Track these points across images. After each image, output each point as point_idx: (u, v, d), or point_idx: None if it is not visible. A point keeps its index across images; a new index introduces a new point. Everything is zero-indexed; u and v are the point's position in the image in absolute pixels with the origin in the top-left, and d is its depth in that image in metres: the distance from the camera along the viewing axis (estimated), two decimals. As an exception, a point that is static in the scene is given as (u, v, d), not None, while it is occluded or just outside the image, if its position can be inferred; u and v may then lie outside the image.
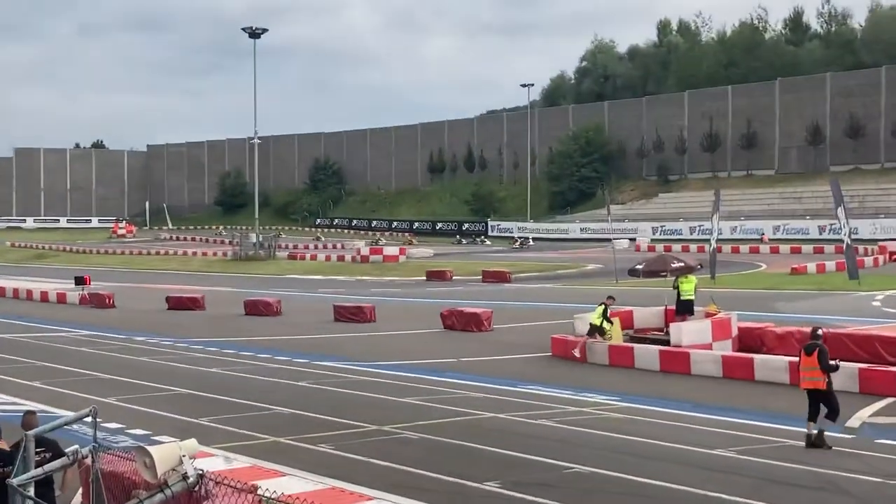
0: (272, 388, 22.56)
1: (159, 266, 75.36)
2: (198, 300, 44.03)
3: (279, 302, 41.47)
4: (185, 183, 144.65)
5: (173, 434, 15.96)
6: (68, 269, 69.55)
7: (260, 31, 78.16)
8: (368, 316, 37.38)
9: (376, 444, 16.32)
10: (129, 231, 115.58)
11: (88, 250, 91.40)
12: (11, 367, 26.36)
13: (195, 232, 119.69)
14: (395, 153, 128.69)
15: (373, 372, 25.16)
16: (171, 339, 33.07)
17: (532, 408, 19.66)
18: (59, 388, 22.77)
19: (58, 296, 48.73)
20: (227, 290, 53.31)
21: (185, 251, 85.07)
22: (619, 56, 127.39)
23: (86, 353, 29.69)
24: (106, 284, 53.15)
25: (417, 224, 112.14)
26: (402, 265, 68.00)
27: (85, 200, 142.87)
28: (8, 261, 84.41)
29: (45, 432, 9.45)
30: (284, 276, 64.10)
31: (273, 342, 31.83)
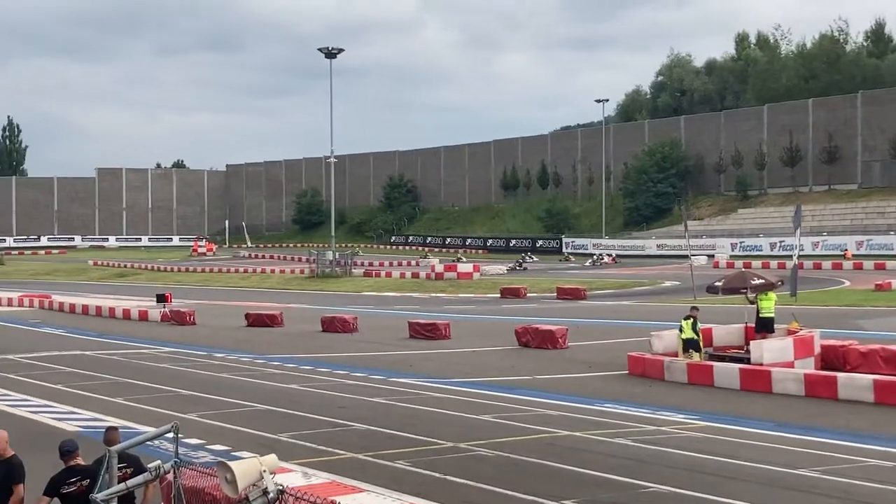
0: (349, 404, 22.68)
1: (238, 283, 76.24)
2: (276, 317, 44.45)
3: (355, 319, 41.70)
4: (264, 201, 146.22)
5: (253, 450, 16.12)
6: (150, 286, 70.63)
7: (336, 51, 78.89)
8: (443, 333, 37.43)
9: (452, 462, 16.31)
10: (209, 249, 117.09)
11: (169, 268, 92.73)
12: (94, 384, 26.83)
13: (273, 250, 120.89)
14: (469, 170, 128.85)
15: (448, 389, 25.17)
16: (250, 355, 33.41)
17: (609, 426, 19.52)
18: (141, 405, 23.12)
19: (140, 313, 49.50)
20: (304, 307, 53.74)
21: (264, 269, 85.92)
22: (696, 70, 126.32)
23: (167, 370, 30.11)
24: (187, 302, 53.89)
25: (491, 241, 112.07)
26: (477, 282, 67.99)
27: (166, 219, 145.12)
28: (91, 279, 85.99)
29: (128, 448, 9.61)
30: (360, 294, 64.44)
31: (349, 359, 32.01)
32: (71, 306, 54.94)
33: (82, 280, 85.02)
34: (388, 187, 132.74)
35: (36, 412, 22.45)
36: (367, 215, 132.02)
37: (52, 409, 22.78)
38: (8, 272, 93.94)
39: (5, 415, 22.09)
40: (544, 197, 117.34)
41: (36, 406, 23.32)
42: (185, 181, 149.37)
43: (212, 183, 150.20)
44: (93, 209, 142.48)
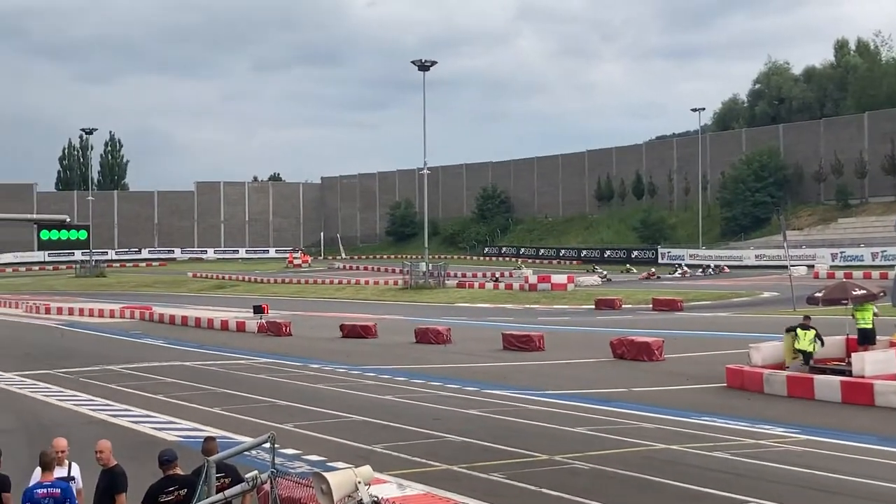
0: (443, 416, 22.70)
1: (333, 295, 76.90)
2: (370, 328, 44.72)
3: (449, 330, 41.75)
4: (358, 213, 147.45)
5: (348, 460, 16.20)
6: (247, 298, 71.65)
7: (429, 63, 79.30)
8: (537, 344, 37.29)
9: (547, 474, 16.22)
10: (304, 261, 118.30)
11: (266, 280, 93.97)
12: (193, 394, 27.27)
13: (367, 261, 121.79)
14: (563, 181, 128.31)
15: (542, 401, 25.05)
16: (345, 366, 33.65)
17: (706, 439, 19.24)
18: (238, 415, 23.42)
19: (237, 324, 50.21)
20: (398, 318, 53.99)
21: (358, 280, 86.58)
22: (794, 78, 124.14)
23: (263, 380, 30.47)
24: (282, 313, 54.52)
25: (585, 252, 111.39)
26: (571, 293, 67.63)
27: (262, 231, 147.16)
28: (191, 291, 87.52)
29: (226, 458, 9.73)
30: (454, 305, 64.53)
31: (443, 370, 32.04)
32: (170, 317, 55.97)
33: (181, 292, 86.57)
34: (481, 198, 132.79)
35: (137, 422, 22.88)
36: (460, 226, 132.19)
37: (152, 419, 23.20)
38: (110, 284, 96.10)
39: (108, 424, 22.56)
40: (639, 207, 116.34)
41: (137, 416, 23.78)
42: (281, 194, 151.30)
43: (307, 195, 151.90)
44: (192, 222, 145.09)
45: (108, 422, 23.07)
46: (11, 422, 23.81)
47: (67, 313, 63.56)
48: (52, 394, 28.39)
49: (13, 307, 71.35)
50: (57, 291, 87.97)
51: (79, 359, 37.45)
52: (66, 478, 10.64)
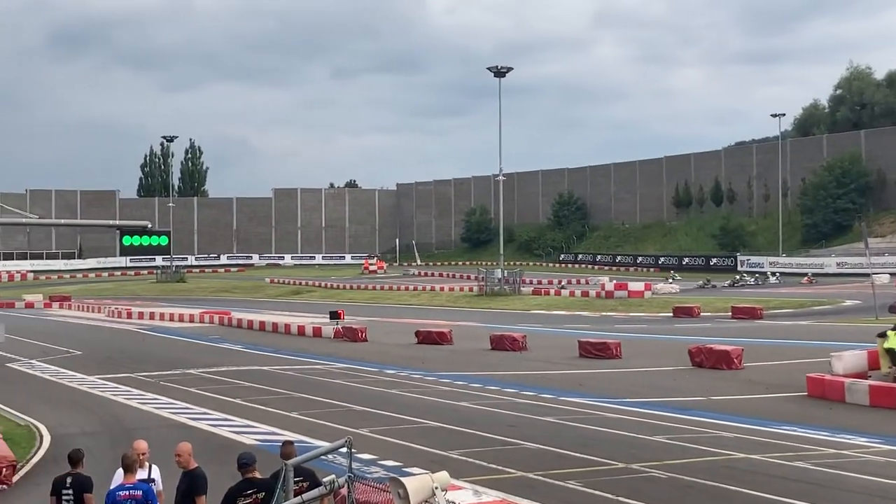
0: (519, 423, 22.65)
1: (408, 301, 77.13)
2: (445, 334, 44.78)
3: (524, 337, 41.65)
4: (433, 220, 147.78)
5: (425, 466, 16.25)
6: (323, 303, 72.19)
7: (505, 69, 79.24)
8: (614, 352, 37.05)
9: (624, 483, 16.09)
10: (379, 267, 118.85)
11: (342, 286, 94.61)
12: (271, 398, 27.53)
13: (442, 268, 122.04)
14: (640, 187, 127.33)
15: (619, 409, 24.88)
16: (420, 372, 33.75)
17: (786, 449, 18.95)
18: (315, 419, 23.60)
19: (314, 329, 50.58)
20: (473, 324, 53.99)
21: (433, 286, 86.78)
22: (877, 83, 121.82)
23: (340, 385, 30.68)
24: (358, 318, 54.82)
25: (663, 259, 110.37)
26: (648, 301, 67.06)
27: (338, 238, 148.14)
28: (268, 296, 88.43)
29: (303, 462, 9.81)
30: (529, 312, 64.37)
31: (519, 377, 31.98)
32: (248, 322, 56.58)
33: (259, 297, 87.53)
34: (557, 205, 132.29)
35: (216, 425, 23.17)
36: (535, 233, 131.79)
37: (231, 423, 23.47)
38: (190, 289, 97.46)
39: (187, 428, 22.88)
40: (718, 214, 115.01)
41: (216, 419, 24.08)
42: (357, 200, 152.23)
43: (383, 202, 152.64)
44: (269, 228, 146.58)
45: (187, 425, 23.40)
46: (94, 424, 24.26)
47: (148, 318, 64.60)
48: (133, 397, 28.88)
49: (96, 311, 72.68)
50: (138, 296, 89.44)
51: (159, 363, 38.04)
52: (146, 480, 10.81)
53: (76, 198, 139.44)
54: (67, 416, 25.61)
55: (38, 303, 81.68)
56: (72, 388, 31.65)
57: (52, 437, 22.52)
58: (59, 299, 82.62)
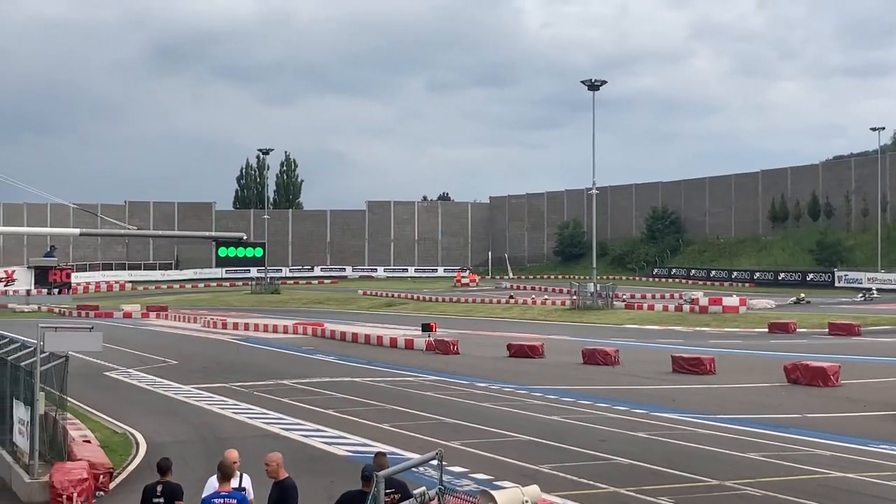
0: (611, 438, 22.45)
1: (500, 314, 77.06)
2: (537, 348, 44.63)
3: (617, 351, 41.32)
4: (526, 233, 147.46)
5: (515, 480, 16.18)
6: (416, 316, 72.46)
7: (599, 83, 78.88)
8: (707, 367, 36.56)
9: (718, 500, 15.85)
10: (472, 280, 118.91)
11: (434, 298, 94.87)
12: (363, 410, 27.69)
13: (535, 281, 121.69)
14: (735, 201, 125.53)
15: (712, 425, 24.53)
16: (512, 385, 33.66)
17: (884, 468, 18.50)
18: (407, 431, 23.67)
19: (406, 342, 50.77)
20: (565, 338, 53.73)
21: (525, 300, 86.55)
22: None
23: (431, 398, 30.73)
24: (450, 331, 54.91)
25: (758, 274, 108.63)
26: (743, 316, 66.03)
27: (431, 250, 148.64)
28: (361, 308, 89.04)
29: (395, 474, 9.82)
30: (622, 326, 63.83)
31: (611, 391, 31.72)
32: (341, 334, 57.00)
33: (352, 309, 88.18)
34: (650, 219, 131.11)
35: (308, 436, 23.37)
36: (629, 247, 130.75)
37: (323, 434, 23.66)
38: (284, 301, 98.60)
39: (280, 438, 23.12)
40: (815, 228, 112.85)
41: (308, 430, 24.28)
42: (449, 213, 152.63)
43: (475, 215, 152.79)
44: (363, 240, 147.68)
45: (279, 435, 23.64)
46: (189, 433, 24.64)
47: (243, 328, 65.48)
48: (228, 406, 29.27)
49: (192, 322, 73.89)
50: (233, 307, 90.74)
51: (253, 373, 38.52)
52: (238, 488, 10.91)
53: (174, 209, 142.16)
54: (163, 424, 26.06)
55: (136, 313, 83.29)
56: (167, 398, 32.21)
57: (148, 445, 22.93)
58: (157, 309, 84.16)
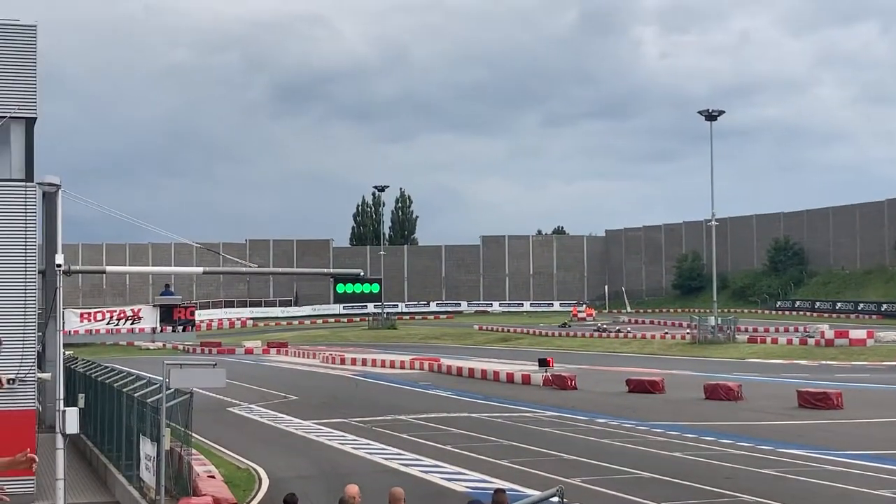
0: (736, 475, 21.92)
1: (618, 349, 76.19)
2: (657, 383, 43.93)
3: (739, 386, 40.42)
4: (643, 266, 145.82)
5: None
6: (532, 350, 72.10)
7: (717, 113, 77.95)
8: (835, 402, 35.50)
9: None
10: (588, 314, 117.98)
11: (550, 333, 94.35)
12: (481, 446, 27.56)
13: (653, 315, 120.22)
14: (860, 231, 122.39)
15: (842, 461, 23.78)
16: (631, 421, 33.16)
17: None
18: (526, 467, 23.46)
19: (523, 377, 50.46)
20: (685, 373, 52.81)
21: (644, 334, 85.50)
22: None
23: (550, 434, 30.44)
24: (567, 366, 54.45)
25: (885, 306, 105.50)
26: (871, 349, 64.10)
27: (546, 285, 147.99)
28: (476, 343, 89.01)
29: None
30: (744, 360, 62.51)
31: (734, 427, 31.01)
32: (458, 369, 56.96)
33: (468, 344, 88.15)
34: (772, 250, 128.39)
35: (427, 472, 23.32)
36: (750, 279, 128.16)
37: (442, 470, 23.59)
38: (400, 336, 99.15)
39: (399, 473, 23.11)
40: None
41: (427, 466, 24.24)
42: (565, 247, 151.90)
43: (591, 248, 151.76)
44: (477, 275, 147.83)
45: (399, 470, 23.65)
46: (310, 468, 24.82)
47: (361, 364, 65.97)
48: (347, 442, 29.42)
49: (311, 357, 74.71)
50: (351, 342, 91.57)
51: (371, 408, 38.68)
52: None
53: (292, 247, 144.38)
54: (284, 459, 26.30)
55: (257, 349, 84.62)
56: (288, 433, 32.54)
57: (271, 480, 23.15)
58: (277, 346, 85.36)
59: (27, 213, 22.21)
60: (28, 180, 22.13)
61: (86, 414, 26.27)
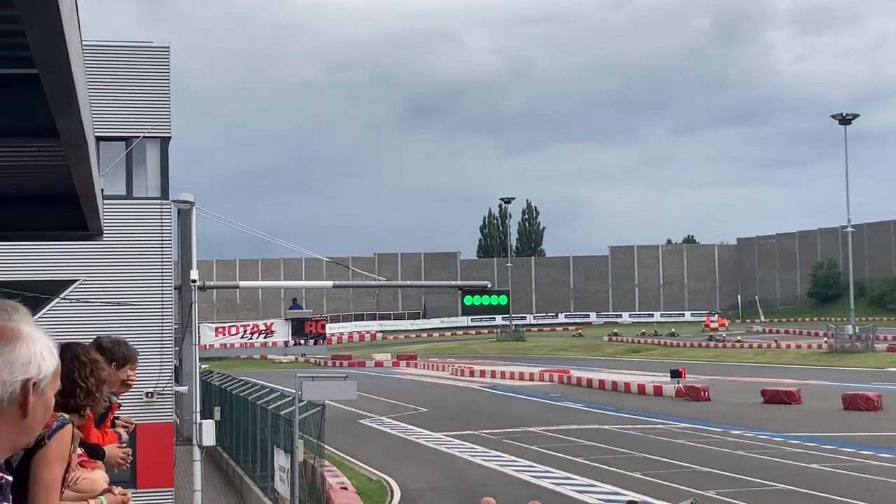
0: (877, 487, 21.28)
1: (752, 359, 74.67)
2: (793, 393, 42.89)
3: (879, 396, 39.23)
4: (777, 274, 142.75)
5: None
6: (663, 362, 71.15)
7: (851, 117, 76.03)
8: (983, 413, 34.20)
9: None
10: (721, 324, 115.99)
11: (682, 344, 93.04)
12: (612, 457, 27.28)
13: (788, 324, 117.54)
14: None
15: None
16: (767, 433, 32.44)
17: None
18: (658, 479, 23.14)
19: (654, 388, 49.81)
20: (822, 383, 51.45)
21: (779, 344, 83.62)
22: None
23: (682, 446, 29.97)
24: (700, 377, 53.56)
25: None
26: None
27: (677, 294, 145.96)
28: (606, 355, 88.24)
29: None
30: (884, 370, 60.62)
31: (875, 438, 30.09)
32: (588, 381, 56.54)
33: (597, 355, 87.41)
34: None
35: (558, 484, 23.18)
36: (889, 286, 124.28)
37: (573, 482, 23.42)
38: (529, 348, 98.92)
39: (530, 486, 23.03)
40: None
41: (558, 478, 24.10)
42: (695, 256, 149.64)
43: (722, 257, 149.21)
44: (606, 286, 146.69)
45: (530, 482, 23.55)
46: (441, 480, 24.90)
47: (490, 376, 65.98)
48: (478, 454, 29.44)
49: (440, 370, 75.06)
50: (479, 355, 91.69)
51: (501, 420, 38.62)
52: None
53: (420, 260, 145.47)
54: (416, 471, 26.44)
55: (387, 362, 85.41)
56: (419, 445, 32.71)
57: (402, 491, 23.29)
58: (406, 358, 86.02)
59: (163, 230, 22.84)
60: (163, 198, 22.75)
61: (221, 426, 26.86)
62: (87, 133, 6.33)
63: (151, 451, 21.98)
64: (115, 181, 21.99)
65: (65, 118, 5.59)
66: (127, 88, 22.68)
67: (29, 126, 6.00)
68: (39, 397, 2.17)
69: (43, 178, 8.06)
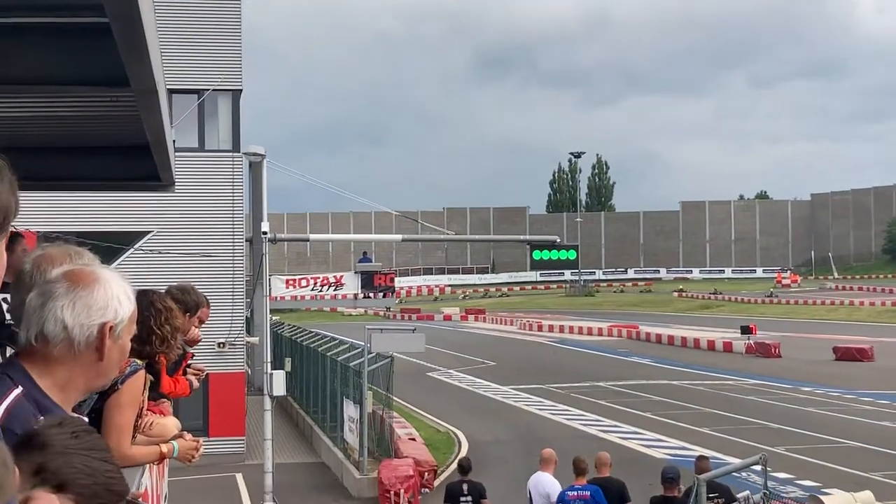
0: (951, 447, 20.95)
1: (824, 316, 73.70)
2: (866, 351, 42.34)
3: (957, 355, 38.57)
4: (851, 231, 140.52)
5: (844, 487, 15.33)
6: (733, 318, 70.47)
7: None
8: None
9: None
10: (793, 281, 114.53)
11: (753, 300, 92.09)
12: (680, 413, 27.18)
13: (862, 281, 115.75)
14: None
15: None
16: (838, 390, 32.08)
17: None
18: (727, 435, 23.02)
19: (724, 344, 49.47)
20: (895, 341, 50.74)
21: (852, 301, 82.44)
22: None
23: (752, 402, 29.75)
24: (771, 334, 53.01)
25: None
26: None
27: (748, 251, 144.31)
28: (676, 310, 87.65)
29: (716, 477, 9.51)
30: (961, 328, 59.55)
31: (950, 397, 29.63)
32: (657, 336, 56.29)
33: (667, 311, 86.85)
34: None
35: (626, 438, 23.18)
36: None
37: (640, 437, 23.39)
38: (598, 303, 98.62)
39: (597, 439, 23.04)
40: None
41: (626, 432, 24.09)
42: (767, 212, 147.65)
43: (795, 213, 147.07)
44: (677, 242, 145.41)
45: (597, 437, 23.57)
46: (508, 433, 25.02)
47: (558, 331, 65.96)
48: (545, 408, 29.50)
49: (508, 324, 75.17)
50: (548, 310, 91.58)
51: (568, 375, 38.63)
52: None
53: (489, 215, 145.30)
54: (483, 424, 26.58)
55: (456, 315, 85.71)
56: (487, 398, 32.86)
57: (470, 444, 23.44)
58: (475, 312, 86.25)
59: (234, 183, 23.04)
60: (235, 151, 22.94)
61: (292, 377, 27.18)
62: (158, 81, 6.38)
63: (223, 401, 22.36)
64: (187, 134, 22.20)
65: (135, 66, 5.63)
66: (198, 41, 22.84)
67: (100, 75, 6.06)
68: (115, 341, 2.21)
69: (115, 128, 8.16)
